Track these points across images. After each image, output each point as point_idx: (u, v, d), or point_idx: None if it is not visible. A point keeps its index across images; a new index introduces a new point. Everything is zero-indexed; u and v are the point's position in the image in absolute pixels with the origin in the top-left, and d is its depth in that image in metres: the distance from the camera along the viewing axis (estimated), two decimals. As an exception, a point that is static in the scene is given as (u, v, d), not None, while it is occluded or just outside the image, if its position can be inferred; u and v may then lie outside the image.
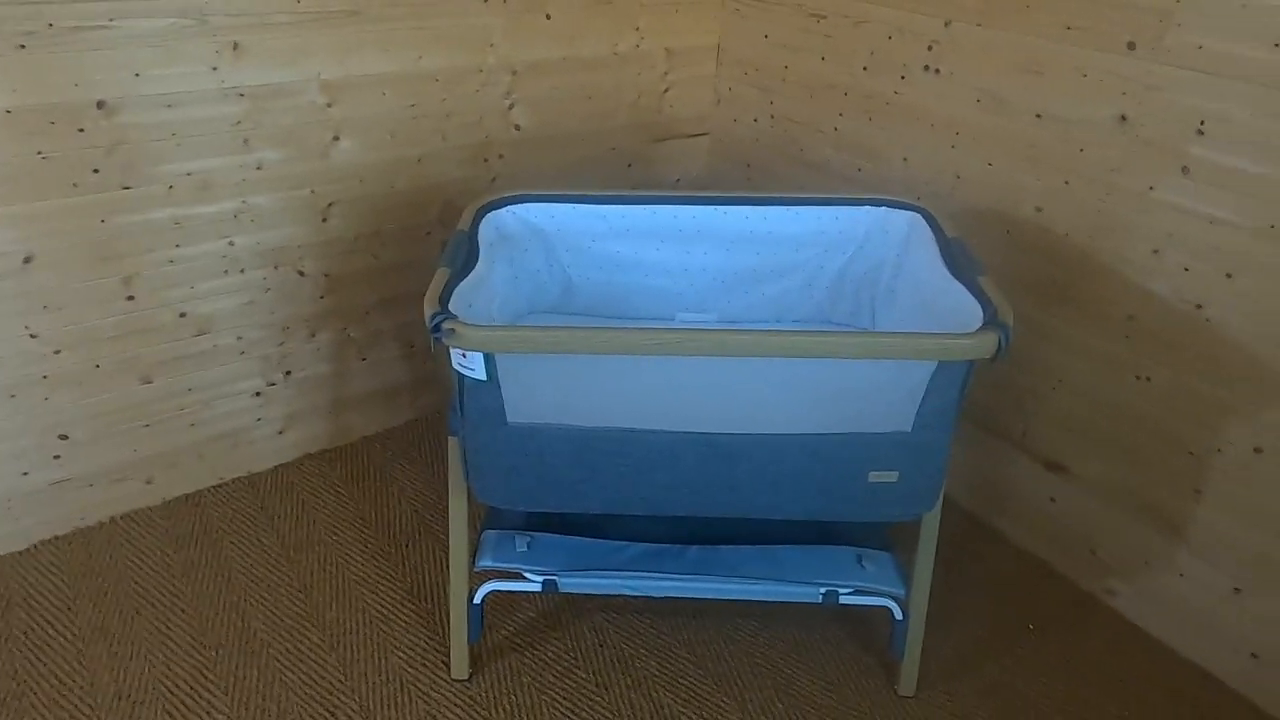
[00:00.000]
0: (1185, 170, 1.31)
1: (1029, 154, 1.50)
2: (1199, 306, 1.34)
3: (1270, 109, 1.21)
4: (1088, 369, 1.51)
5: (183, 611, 1.47)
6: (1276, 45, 1.19)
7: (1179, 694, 1.41)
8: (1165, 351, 1.40)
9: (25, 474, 1.53)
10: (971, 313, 1.13)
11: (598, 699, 1.36)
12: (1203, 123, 1.28)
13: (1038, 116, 1.48)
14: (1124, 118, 1.37)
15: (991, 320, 1.08)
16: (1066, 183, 1.46)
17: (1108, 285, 1.45)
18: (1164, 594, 1.49)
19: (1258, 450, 1.32)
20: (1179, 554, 1.45)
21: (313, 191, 1.63)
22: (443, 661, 1.40)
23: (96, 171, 1.41)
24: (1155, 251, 1.38)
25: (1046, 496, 1.62)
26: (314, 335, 1.75)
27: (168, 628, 1.44)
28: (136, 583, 1.52)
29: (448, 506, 1.31)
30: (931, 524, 1.29)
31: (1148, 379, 1.43)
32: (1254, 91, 1.22)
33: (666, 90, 1.99)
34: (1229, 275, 1.30)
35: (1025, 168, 1.51)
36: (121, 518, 1.65)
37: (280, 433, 1.79)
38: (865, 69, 1.73)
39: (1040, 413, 1.60)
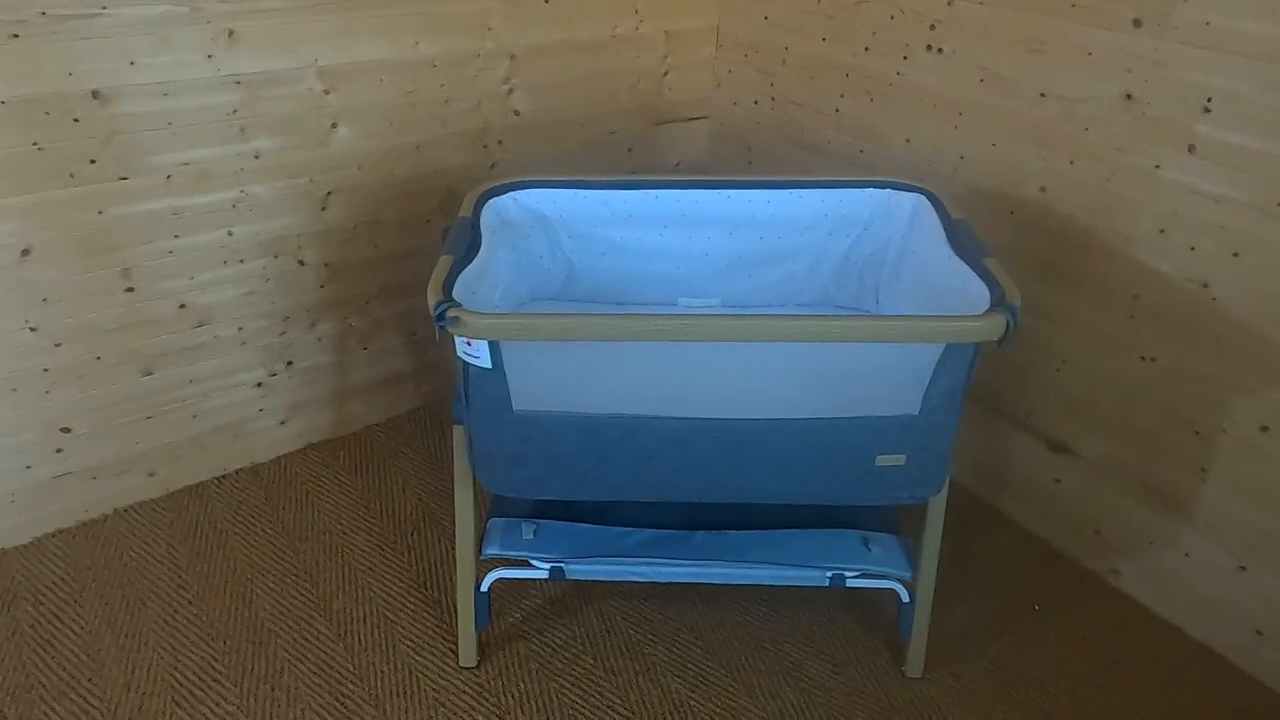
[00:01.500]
0: (1191, 148, 1.31)
1: (1033, 134, 1.49)
2: (1205, 285, 1.34)
3: (1278, 85, 1.20)
4: (1092, 349, 1.50)
5: (189, 603, 1.47)
6: (1284, 21, 1.18)
7: (1183, 672, 1.42)
8: (1170, 331, 1.39)
9: (28, 468, 1.53)
10: (978, 295, 1.13)
11: (605, 685, 1.36)
12: (1209, 100, 1.27)
13: (1041, 96, 1.46)
14: (1129, 96, 1.36)
15: (999, 302, 1.08)
16: (1071, 162, 1.45)
17: (1113, 265, 1.44)
18: (1168, 573, 1.49)
19: (1264, 429, 1.32)
20: (1184, 533, 1.45)
21: (311, 180, 1.61)
22: (450, 649, 1.40)
23: (93, 162, 1.40)
24: (1161, 231, 1.37)
25: (1051, 477, 1.63)
26: (315, 325, 1.74)
27: (175, 619, 1.44)
28: (142, 575, 1.52)
29: (453, 495, 1.31)
30: (938, 506, 1.29)
31: (1153, 359, 1.43)
32: (1262, 68, 1.21)
33: (666, 73, 1.97)
34: (1235, 254, 1.29)
35: (1029, 148, 1.50)
36: (125, 510, 1.65)
37: (282, 423, 1.78)
38: (867, 49, 1.72)
39: (1044, 393, 1.59)
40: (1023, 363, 1.61)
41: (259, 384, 1.72)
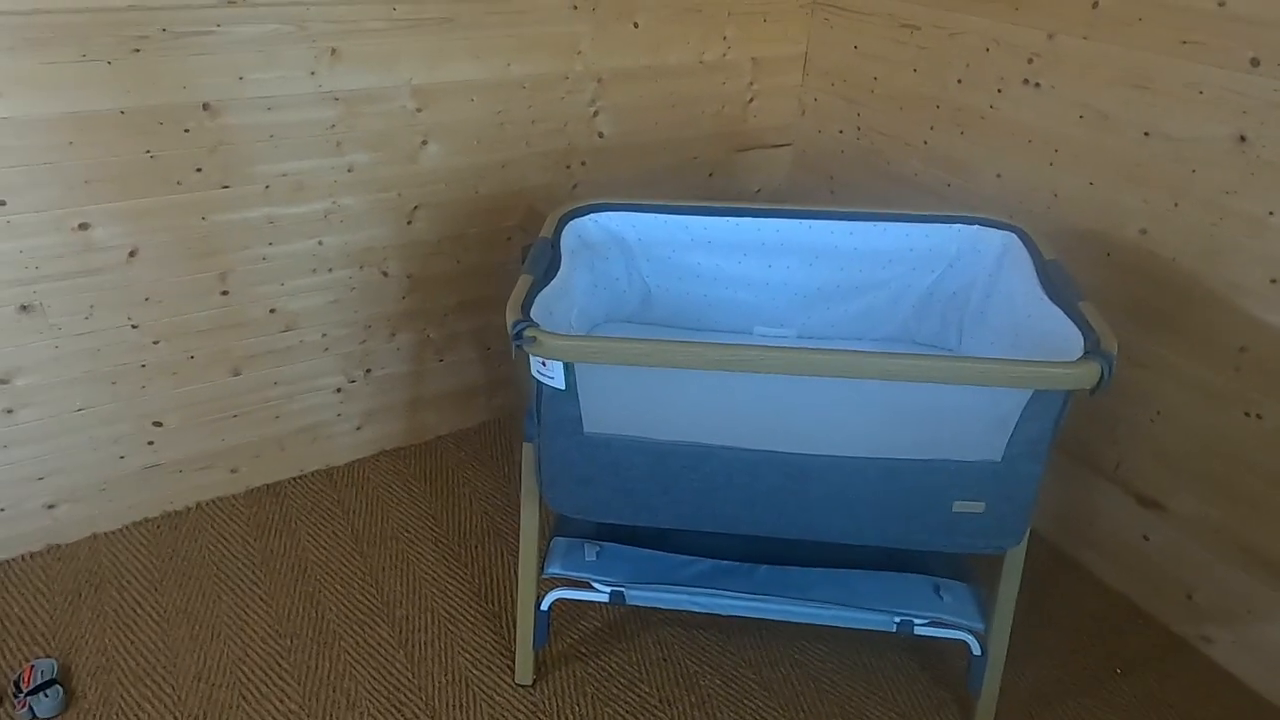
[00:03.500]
0: (1310, 195, 1.23)
1: (1134, 173, 1.43)
2: (1320, 341, 1.26)
3: None
4: (1191, 401, 1.42)
5: (261, 599, 1.51)
6: None
7: (1281, 754, 1.32)
8: None
9: (122, 458, 1.60)
10: (1069, 339, 1.08)
11: (660, 715, 1.34)
12: (1333, 145, 1.20)
13: (1145, 134, 1.40)
14: (1243, 138, 1.29)
15: (1094, 349, 1.03)
16: (1175, 204, 1.39)
17: (1218, 314, 1.36)
18: (1267, 644, 1.39)
19: (1382, 498, 1.22)
20: (1286, 604, 1.36)
21: (399, 194, 1.66)
22: (507, 666, 1.41)
23: (199, 170, 1.46)
24: (1273, 280, 1.29)
25: (1139, 533, 1.54)
26: (394, 335, 1.78)
27: (246, 614, 1.48)
28: (219, 568, 1.57)
29: (518, 510, 1.32)
30: (1016, 558, 1.23)
31: (1258, 415, 1.34)
32: (1394, 113, 1.13)
33: (751, 100, 1.97)
34: (1356, 309, 1.21)
35: (1129, 188, 1.44)
36: (207, 504, 1.72)
37: (358, 429, 1.83)
38: (959, 81, 1.68)
39: (1137, 445, 1.51)
40: (1114, 412, 1.54)
41: (338, 389, 1.77)
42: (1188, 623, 1.50)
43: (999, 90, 1.61)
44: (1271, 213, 1.27)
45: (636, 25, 1.76)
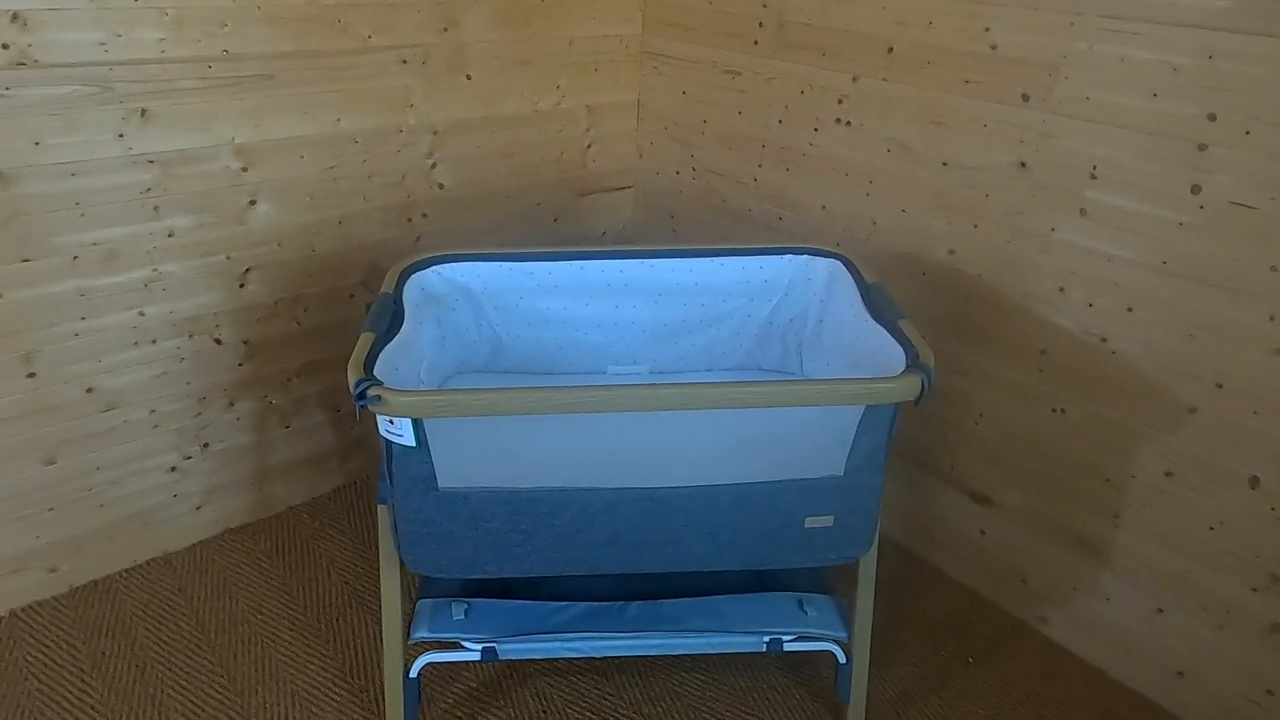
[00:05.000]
0: (1083, 212, 1.39)
1: (938, 200, 1.57)
2: (1104, 340, 1.41)
3: (1153, 154, 1.30)
4: (1007, 402, 1.56)
5: (93, 709, 1.37)
6: (1154, 95, 1.28)
7: (1110, 715, 1.44)
8: (1076, 383, 1.46)
9: (-87, 570, 1.42)
10: (894, 356, 1.16)
11: (544, 769, 1.31)
12: (1095, 167, 1.36)
13: (944, 164, 1.55)
14: (1023, 164, 1.44)
15: (914, 363, 1.11)
16: (975, 226, 1.53)
17: (1020, 322, 1.51)
18: (1092, 618, 1.53)
19: (1168, 474, 1.38)
20: (1103, 578, 1.50)
21: (229, 257, 1.58)
22: (379, 742, 1.34)
23: (-8, 244, 1.34)
24: (1061, 289, 1.44)
25: (976, 528, 1.66)
26: (233, 404, 1.68)
27: (76, 728, 1.34)
28: (40, 681, 1.41)
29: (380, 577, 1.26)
30: (869, 565, 1.30)
31: (1062, 410, 1.49)
32: (1138, 138, 1.31)
33: (589, 145, 2.02)
34: (1130, 309, 1.37)
35: (936, 213, 1.58)
36: (23, 610, 1.54)
37: (198, 508, 1.70)
38: (780, 122, 1.79)
39: (965, 447, 1.64)
40: (944, 418, 1.66)
41: (172, 468, 1.65)
42: (1025, 606, 1.62)
43: (815, 129, 1.73)
44: (1053, 229, 1.43)
45: (469, 77, 1.77)
